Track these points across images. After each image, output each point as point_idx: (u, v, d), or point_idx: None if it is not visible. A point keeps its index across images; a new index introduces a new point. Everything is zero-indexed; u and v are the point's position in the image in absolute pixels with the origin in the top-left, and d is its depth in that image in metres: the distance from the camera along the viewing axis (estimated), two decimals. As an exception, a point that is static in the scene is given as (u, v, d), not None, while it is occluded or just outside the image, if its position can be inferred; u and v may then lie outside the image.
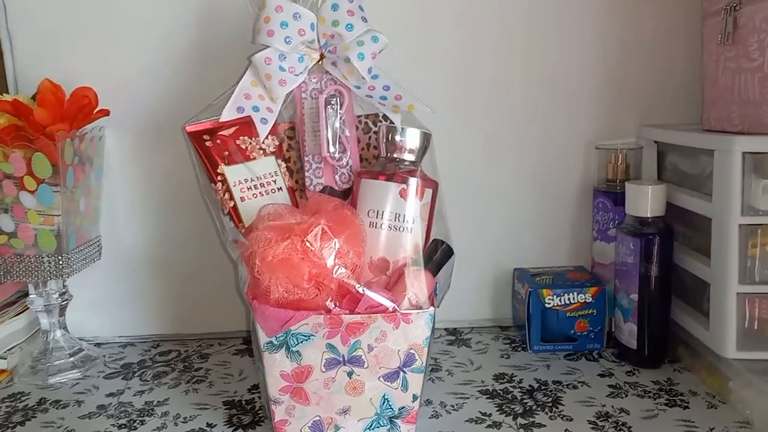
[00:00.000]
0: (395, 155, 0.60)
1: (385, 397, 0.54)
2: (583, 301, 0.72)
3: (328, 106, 0.61)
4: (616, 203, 0.75)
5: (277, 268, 0.51)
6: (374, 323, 0.52)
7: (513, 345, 0.75)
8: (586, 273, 0.77)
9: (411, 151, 0.60)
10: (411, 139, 0.59)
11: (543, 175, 0.79)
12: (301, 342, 0.52)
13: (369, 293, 0.52)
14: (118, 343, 0.79)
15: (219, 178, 0.59)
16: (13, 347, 0.74)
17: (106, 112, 0.71)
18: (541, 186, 0.79)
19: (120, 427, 0.60)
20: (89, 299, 0.79)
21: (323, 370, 0.53)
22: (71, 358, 0.73)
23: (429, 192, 0.59)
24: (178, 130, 0.72)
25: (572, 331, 0.73)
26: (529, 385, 0.66)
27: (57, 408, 0.64)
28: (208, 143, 0.59)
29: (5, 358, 0.72)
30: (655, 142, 0.76)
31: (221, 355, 0.75)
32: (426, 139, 0.60)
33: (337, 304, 0.52)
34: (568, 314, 0.73)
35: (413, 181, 0.58)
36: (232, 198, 0.59)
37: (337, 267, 0.52)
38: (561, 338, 0.73)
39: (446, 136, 0.67)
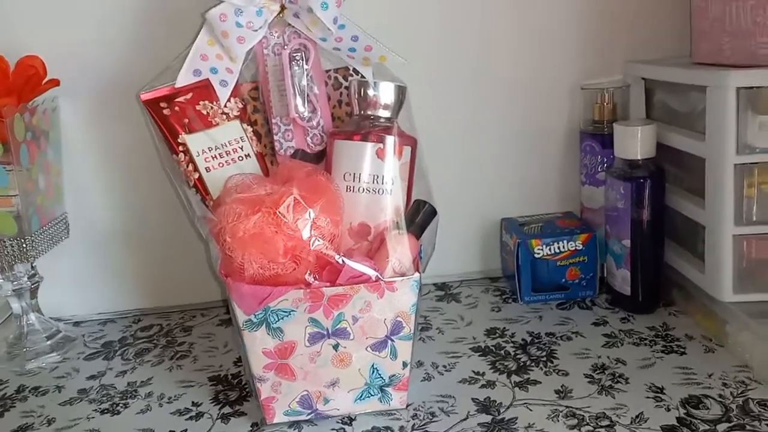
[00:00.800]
0: (369, 112, 0.56)
1: (374, 367, 0.52)
2: (573, 249, 0.70)
3: (293, 62, 0.57)
4: (604, 146, 0.72)
5: (250, 243, 0.48)
6: (357, 294, 0.49)
7: (503, 297, 0.74)
8: (575, 219, 0.75)
9: (386, 107, 0.56)
10: (385, 93, 0.56)
11: (526, 119, 0.76)
12: (282, 318, 0.50)
13: (350, 263, 0.49)
14: (98, 320, 0.76)
15: (181, 148, 0.55)
16: (-14, 334, 0.71)
17: (55, 83, 0.66)
18: (525, 131, 0.76)
19: (102, 412, 0.58)
20: (63, 278, 0.75)
21: (307, 344, 0.51)
22: (48, 342, 0.70)
23: (408, 150, 0.56)
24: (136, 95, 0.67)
25: (563, 280, 0.71)
26: (522, 339, 0.64)
27: (36, 395, 0.61)
28: (165, 111, 0.55)
29: (-22, 347, 0.69)
30: (643, 78, 0.72)
31: (204, 327, 0.73)
32: (401, 92, 0.56)
33: (317, 276, 0.49)
34: (558, 263, 0.71)
35: (390, 140, 0.54)
36: (196, 169, 0.55)
37: (313, 238, 0.48)
38: (552, 287, 0.71)
39: (422, 86, 0.62)
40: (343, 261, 0.49)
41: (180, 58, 0.57)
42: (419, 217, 0.55)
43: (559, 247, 0.70)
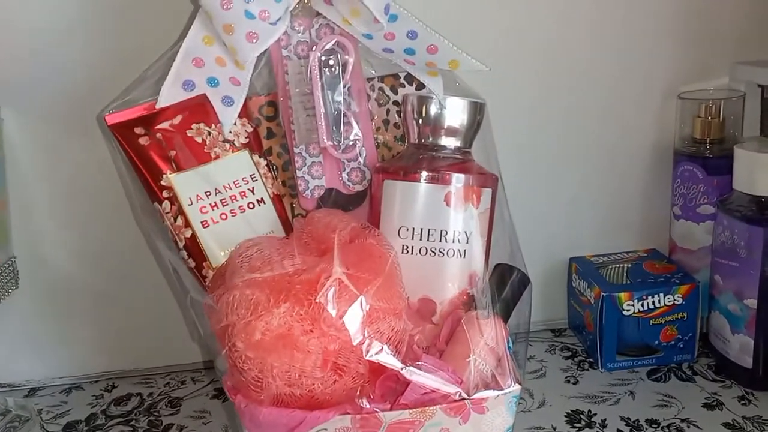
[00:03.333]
0: (433, 140, 0.40)
1: None
2: (671, 303, 0.55)
3: (326, 69, 0.40)
4: (708, 171, 0.56)
5: (272, 349, 0.32)
6: (431, 420, 0.34)
7: (576, 359, 0.59)
8: (665, 261, 0.60)
9: (456, 133, 0.40)
10: (455, 113, 0.40)
11: (605, 133, 0.60)
12: (319, 455, 0.34)
13: (420, 377, 0.33)
14: (60, 386, 0.60)
15: (165, 194, 0.38)
16: None
17: (-9, 89, 0.49)
18: (603, 148, 0.60)
19: None
20: (14, 335, 0.59)
21: (354, 488, 0.35)
22: (-7, 427, 0.54)
23: (487, 193, 0.40)
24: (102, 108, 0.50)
25: (656, 342, 0.56)
26: (619, 431, 0.49)
27: None
28: (142, 140, 0.38)
29: None
30: (760, 86, 0.57)
31: (197, 400, 0.57)
32: (478, 111, 0.40)
33: (371, 394, 0.33)
34: (651, 321, 0.55)
35: (463, 180, 0.38)
36: (188, 224, 0.38)
37: (367, 340, 0.32)
38: (639, 349, 0.56)
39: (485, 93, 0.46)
40: (410, 374, 0.33)
41: (162, 62, 0.40)
42: (506, 289, 0.39)
43: (654, 303, 0.55)
